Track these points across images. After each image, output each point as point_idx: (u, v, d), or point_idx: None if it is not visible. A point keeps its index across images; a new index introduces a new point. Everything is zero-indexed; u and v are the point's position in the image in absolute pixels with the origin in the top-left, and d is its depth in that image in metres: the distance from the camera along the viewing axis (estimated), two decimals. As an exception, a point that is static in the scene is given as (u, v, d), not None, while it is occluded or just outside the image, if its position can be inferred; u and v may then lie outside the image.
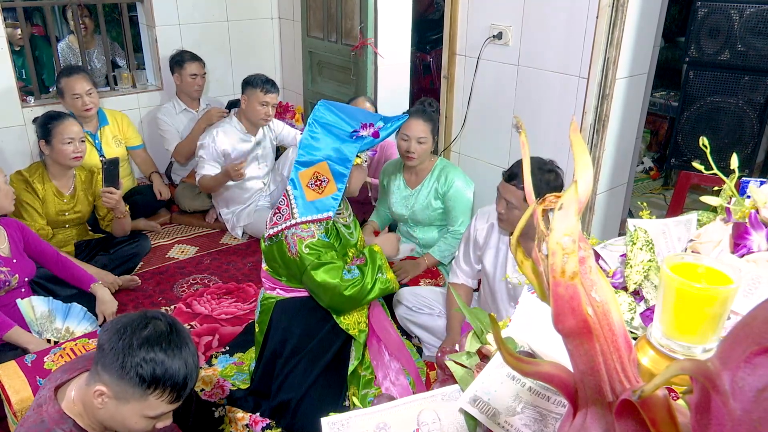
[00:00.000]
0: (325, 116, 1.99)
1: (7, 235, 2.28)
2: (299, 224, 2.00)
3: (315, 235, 1.99)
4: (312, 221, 2.00)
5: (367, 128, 1.99)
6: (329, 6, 3.53)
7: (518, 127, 2.85)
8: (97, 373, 1.25)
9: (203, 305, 2.79)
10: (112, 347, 1.22)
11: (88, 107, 3.21)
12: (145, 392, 1.23)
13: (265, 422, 2.06)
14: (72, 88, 3.16)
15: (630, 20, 2.39)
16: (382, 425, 0.90)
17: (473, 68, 2.99)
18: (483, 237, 2.26)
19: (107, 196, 2.72)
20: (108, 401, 1.25)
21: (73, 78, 3.16)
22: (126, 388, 1.22)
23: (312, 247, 1.98)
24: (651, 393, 0.46)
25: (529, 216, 0.63)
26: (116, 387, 1.23)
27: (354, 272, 2.05)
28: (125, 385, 1.22)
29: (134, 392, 1.22)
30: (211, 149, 3.24)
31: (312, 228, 2.00)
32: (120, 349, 1.21)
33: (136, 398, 1.23)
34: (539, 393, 0.85)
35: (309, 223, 2.00)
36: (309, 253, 1.97)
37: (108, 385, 1.23)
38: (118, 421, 1.28)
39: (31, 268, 2.33)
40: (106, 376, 1.23)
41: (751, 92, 2.44)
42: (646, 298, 0.95)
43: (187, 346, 1.29)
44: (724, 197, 1.09)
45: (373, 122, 2.00)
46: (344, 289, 1.99)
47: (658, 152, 4.61)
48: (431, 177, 2.72)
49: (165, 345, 1.24)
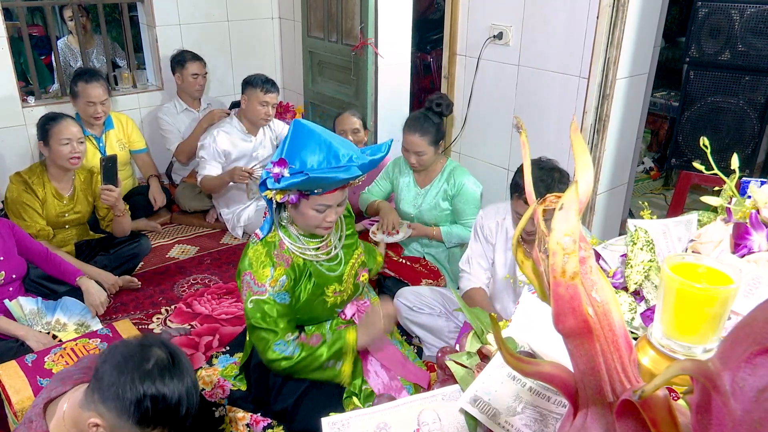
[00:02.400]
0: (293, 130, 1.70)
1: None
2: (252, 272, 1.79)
3: (266, 292, 1.77)
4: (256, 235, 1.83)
5: (279, 166, 1.65)
6: (330, 6, 3.53)
7: (519, 127, 2.85)
8: (93, 402, 1.20)
9: (204, 305, 2.79)
10: (112, 382, 1.18)
11: (99, 116, 3.23)
12: (144, 429, 1.20)
13: (267, 422, 2.06)
14: (88, 94, 3.17)
15: (630, 20, 2.39)
16: (383, 425, 0.90)
17: (474, 68, 2.99)
18: (493, 234, 2.27)
19: (106, 194, 2.72)
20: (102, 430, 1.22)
21: (91, 85, 3.17)
22: (124, 424, 1.18)
23: (257, 304, 1.78)
24: (651, 393, 0.46)
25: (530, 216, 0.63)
26: (113, 421, 1.19)
27: (291, 349, 1.81)
28: (124, 420, 1.18)
29: (132, 428, 1.19)
30: (212, 149, 3.25)
31: (266, 284, 1.77)
32: (120, 385, 1.17)
33: (129, 429, 1.19)
34: (540, 393, 0.85)
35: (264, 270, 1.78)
36: (252, 309, 1.79)
37: (105, 418, 1.19)
38: None
39: (21, 266, 2.34)
40: (103, 409, 1.18)
41: (751, 92, 2.44)
42: (647, 298, 0.95)
43: (188, 375, 1.25)
44: (724, 197, 1.09)
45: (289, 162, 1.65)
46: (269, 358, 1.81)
47: (659, 152, 4.61)
48: (440, 178, 2.73)
49: (168, 379, 1.20)
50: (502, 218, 2.25)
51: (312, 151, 1.65)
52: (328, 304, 1.96)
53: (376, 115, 3.47)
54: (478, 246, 2.34)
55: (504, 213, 2.26)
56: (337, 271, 1.94)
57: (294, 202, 1.72)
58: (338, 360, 1.88)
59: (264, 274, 1.78)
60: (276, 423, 2.06)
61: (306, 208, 1.75)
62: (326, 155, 1.64)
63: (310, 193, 1.71)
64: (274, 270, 1.79)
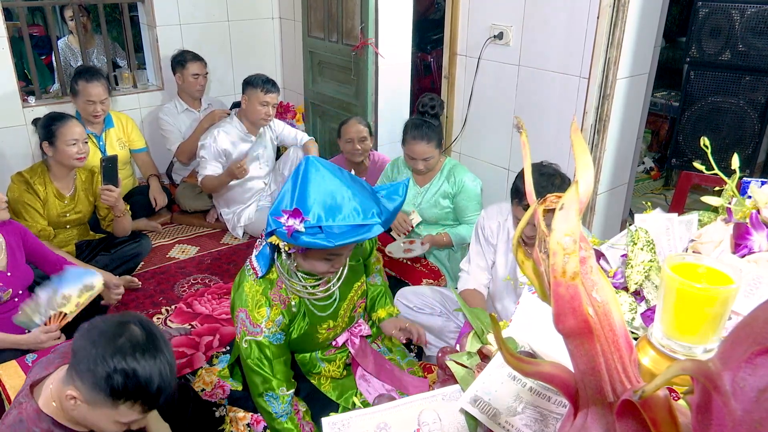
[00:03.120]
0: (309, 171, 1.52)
1: (6, 244, 2.22)
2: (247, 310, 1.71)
3: (262, 333, 1.69)
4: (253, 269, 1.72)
5: (294, 217, 1.47)
6: (330, 6, 3.53)
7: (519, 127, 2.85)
8: (71, 376, 1.25)
9: (204, 305, 2.79)
10: (85, 356, 1.21)
11: (98, 114, 3.24)
12: (116, 402, 1.22)
13: (266, 422, 2.06)
14: (88, 93, 3.18)
15: (631, 20, 2.39)
16: (383, 425, 0.90)
17: (474, 68, 2.99)
18: (494, 235, 2.27)
19: (106, 194, 2.72)
20: (80, 404, 1.25)
21: (92, 84, 3.18)
22: (97, 396, 1.22)
23: (251, 345, 1.71)
24: (652, 393, 0.46)
25: (530, 216, 0.63)
26: (87, 394, 1.22)
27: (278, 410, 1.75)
28: (96, 393, 1.21)
29: (105, 401, 1.22)
30: (212, 149, 3.25)
31: (261, 324, 1.69)
32: (92, 358, 1.20)
33: (107, 406, 1.23)
34: (540, 393, 0.85)
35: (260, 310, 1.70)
36: (246, 349, 1.72)
37: (80, 390, 1.23)
38: (91, 423, 1.29)
39: (28, 276, 2.28)
40: (78, 382, 1.23)
41: (752, 92, 2.44)
42: (647, 298, 0.95)
43: (162, 353, 1.26)
44: (725, 197, 1.09)
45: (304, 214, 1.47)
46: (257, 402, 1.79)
47: (659, 152, 4.61)
48: (440, 176, 2.74)
49: (139, 355, 1.22)
50: (504, 219, 2.25)
51: (331, 204, 1.48)
52: (320, 340, 1.92)
53: (377, 115, 3.47)
54: (478, 247, 2.34)
55: (506, 214, 2.26)
56: (331, 309, 1.86)
57: (304, 252, 1.62)
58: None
59: (260, 315, 1.70)
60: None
61: (315, 258, 1.64)
62: (348, 209, 1.48)
63: None
64: (271, 310, 1.71)
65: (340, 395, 1.97)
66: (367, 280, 2.08)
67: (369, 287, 2.09)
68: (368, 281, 2.09)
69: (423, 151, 2.61)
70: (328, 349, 2.01)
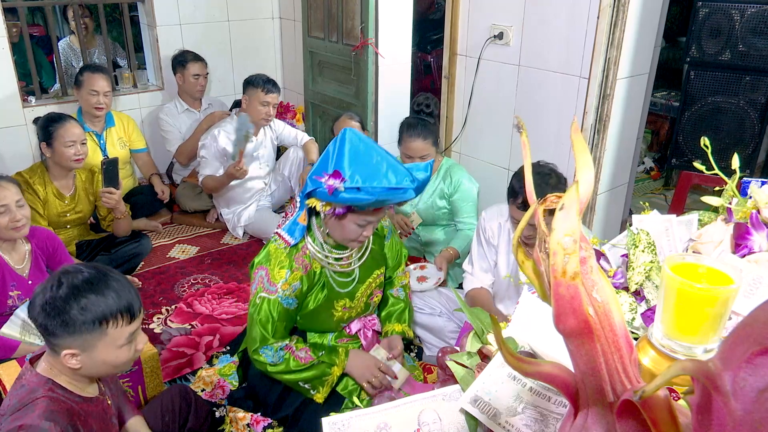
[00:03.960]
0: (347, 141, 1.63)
1: (32, 250, 2.22)
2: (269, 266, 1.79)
3: (276, 293, 1.78)
4: (284, 239, 1.80)
5: (334, 178, 1.59)
6: (330, 6, 3.53)
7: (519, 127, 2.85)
8: (53, 346, 1.30)
9: (204, 305, 2.79)
10: (48, 319, 1.27)
11: (101, 106, 3.24)
12: (103, 330, 1.29)
13: (267, 422, 2.06)
14: (92, 83, 3.19)
15: (631, 20, 2.39)
16: (383, 425, 0.90)
17: (474, 68, 2.99)
18: (495, 236, 2.27)
19: (107, 197, 2.72)
20: (80, 357, 1.31)
21: (96, 75, 3.20)
22: (85, 338, 1.28)
23: (264, 302, 1.79)
24: (652, 393, 0.46)
25: (530, 216, 0.63)
26: (76, 343, 1.29)
27: (275, 358, 1.82)
28: (82, 336, 1.28)
29: (93, 336, 1.29)
30: (213, 149, 3.25)
31: (278, 285, 1.77)
32: (55, 315, 1.26)
33: (99, 339, 1.30)
34: (540, 393, 0.85)
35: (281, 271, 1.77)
36: (258, 304, 1.80)
37: (69, 345, 1.29)
38: (102, 365, 1.35)
39: None
40: (62, 341, 1.28)
41: (752, 92, 2.44)
42: (648, 298, 0.95)
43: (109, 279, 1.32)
44: (725, 197, 1.09)
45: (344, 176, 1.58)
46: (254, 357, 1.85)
47: (659, 152, 4.61)
48: (437, 176, 2.73)
49: (87, 290, 1.29)
50: (504, 219, 2.25)
51: (369, 168, 1.59)
52: (335, 318, 1.96)
53: (377, 115, 3.46)
54: (479, 248, 2.34)
55: (506, 214, 2.26)
56: (349, 288, 1.93)
57: (340, 215, 1.69)
58: (314, 388, 1.89)
59: (279, 275, 1.78)
60: (276, 423, 2.06)
61: (349, 222, 1.72)
62: (384, 173, 1.59)
63: (360, 209, 1.68)
64: (291, 274, 1.78)
65: (344, 387, 1.99)
66: (390, 291, 2.16)
67: (391, 298, 2.16)
68: (391, 293, 2.16)
69: (420, 149, 2.60)
70: (342, 336, 2.04)
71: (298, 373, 1.85)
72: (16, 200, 2.09)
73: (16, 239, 2.16)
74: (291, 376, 1.86)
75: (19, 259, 2.19)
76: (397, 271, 2.17)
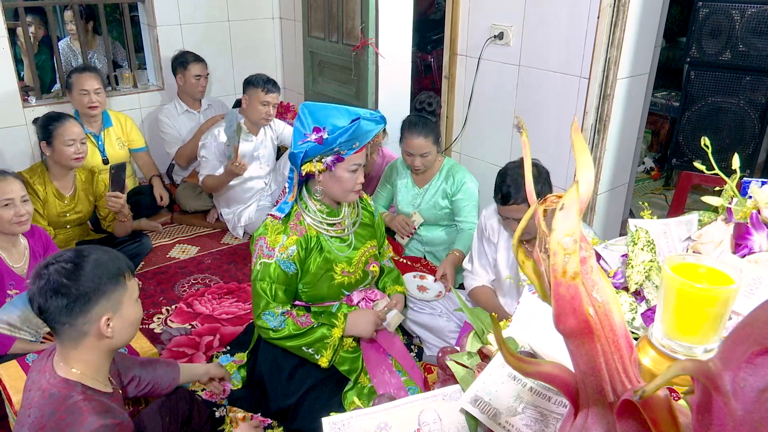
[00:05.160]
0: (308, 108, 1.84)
1: (30, 250, 2.23)
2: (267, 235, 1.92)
3: (274, 256, 1.89)
4: (273, 216, 1.94)
5: (316, 132, 1.80)
6: (330, 6, 3.53)
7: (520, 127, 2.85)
8: (80, 326, 1.31)
9: (204, 305, 2.79)
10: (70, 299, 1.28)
11: (93, 104, 3.22)
12: (123, 283, 1.37)
13: (267, 422, 2.06)
14: (81, 84, 3.18)
15: (631, 20, 2.39)
16: (383, 425, 0.90)
17: (474, 68, 2.99)
18: (495, 233, 2.26)
19: (113, 201, 2.72)
20: (114, 321, 1.35)
21: (84, 75, 3.19)
22: (113, 296, 1.34)
23: (264, 266, 1.90)
24: (652, 393, 0.46)
25: (530, 216, 0.63)
26: (108, 305, 1.33)
27: (276, 322, 1.90)
28: (110, 296, 1.33)
29: (118, 291, 1.35)
30: (213, 148, 3.25)
31: (275, 249, 1.89)
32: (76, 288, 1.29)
33: (123, 293, 1.36)
34: (540, 393, 0.85)
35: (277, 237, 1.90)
36: (257, 269, 1.91)
37: (102, 312, 1.32)
38: (129, 326, 1.40)
39: None
40: (95, 310, 1.31)
41: (752, 92, 2.44)
42: (648, 298, 0.95)
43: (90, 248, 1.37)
44: (725, 197, 1.09)
45: (325, 126, 1.80)
46: (258, 324, 1.94)
47: (659, 152, 4.61)
48: (439, 177, 2.74)
49: (85, 256, 1.32)
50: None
51: (336, 116, 1.80)
52: (336, 282, 2.02)
53: (377, 115, 3.46)
54: (480, 246, 2.34)
55: None
56: (346, 252, 2.04)
57: (332, 167, 1.85)
58: (318, 352, 1.95)
59: (276, 240, 1.90)
60: (276, 423, 2.06)
61: (341, 171, 1.87)
62: (352, 113, 1.81)
63: (346, 154, 1.84)
64: (287, 238, 1.91)
65: (349, 372, 2.04)
66: (383, 263, 2.30)
67: (385, 268, 2.31)
68: (384, 263, 2.31)
69: (420, 146, 2.60)
70: (345, 309, 2.08)
71: (300, 338, 1.92)
72: (21, 195, 2.14)
73: (16, 234, 2.17)
74: (293, 342, 1.92)
75: (18, 258, 2.19)
76: (383, 247, 2.31)
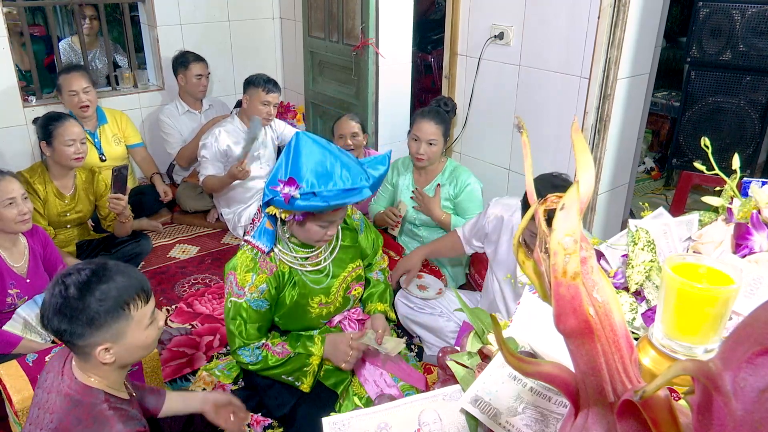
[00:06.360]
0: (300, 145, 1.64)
1: (29, 249, 2.22)
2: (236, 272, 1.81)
3: (244, 296, 1.80)
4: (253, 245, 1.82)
5: (289, 186, 1.60)
6: (330, 6, 3.53)
7: (520, 127, 2.85)
8: (83, 348, 1.28)
9: (204, 305, 2.79)
10: (71, 323, 1.25)
11: (84, 104, 3.21)
12: (127, 315, 1.29)
13: (267, 422, 2.06)
14: (69, 84, 3.17)
15: (631, 20, 2.39)
16: (383, 425, 0.90)
17: (474, 68, 2.99)
18: (491, 227, 2.24)
19: (114, 202, 2.72)
20: (113, 349, 1.30)
21: (71, 75, 3.17)
22: (113, 328, 1.28)
23: (233, 306, 1.82)
24: (652, 393, 0.46)
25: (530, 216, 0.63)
26: (108, 335, 1.28)
27: (253, 357, 1.85)
28: (110, 327, 1.27)
29: (120, 324, 1.28)
30: (214, 149, 3.25)
31: (245, 288, 1.79)
32: (76, 316, 1.25)
33: (126, 325, 1.30)
34: (540, 393, 0.85)
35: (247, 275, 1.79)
36: (228, 308, 1.84)
37: (100, 341, 1.28)
38: (135, 350, 1.35)
39: (44, 284, 2.25)
40: (91, 339, 1.27)
41: (752, 92, 2.44)
42: (648, 298, 0.95)
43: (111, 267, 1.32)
44: (725, 197, 1.09)
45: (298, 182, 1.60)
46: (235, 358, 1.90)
47: (660, 152, 4.61)
48: (441, 178, 2.72)
49: (96, 281, 1.27)
50: (509, 214, 2.21)
51: (322, 171, 1.61)
52: (313, 315, 1.96)
53: (377, 115, 3.46)
54: (477, 222, 2.31)
55: (512, 210, 2.23)
56: (323, 284, 1.94)
57: (300, 220, 1.72)
58: (297, 380, 1.92)
59: (246, 279, 1.80)
60: (276, 423, 2.06)
61: (311, 225, 1.75)
62: (338, 175, 1.62)
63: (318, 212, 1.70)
64: (256, 276, 1.80)
65: (336, 384, 2.00)
66: (370, 275, 2.18)
67: (371, 280, 2.18)
68: (371, 276, 2.18)
69: (429, 131, 2.57)
70: (327, 331, 2.03)
71: (278, 368, 1.88)
72: (21, 194, 2.15)
73: (18, 233, 2.17)
74: (272, 372, 1.89)
75: (18, 257, 2.19)
76: (376, 257, 2.20)
